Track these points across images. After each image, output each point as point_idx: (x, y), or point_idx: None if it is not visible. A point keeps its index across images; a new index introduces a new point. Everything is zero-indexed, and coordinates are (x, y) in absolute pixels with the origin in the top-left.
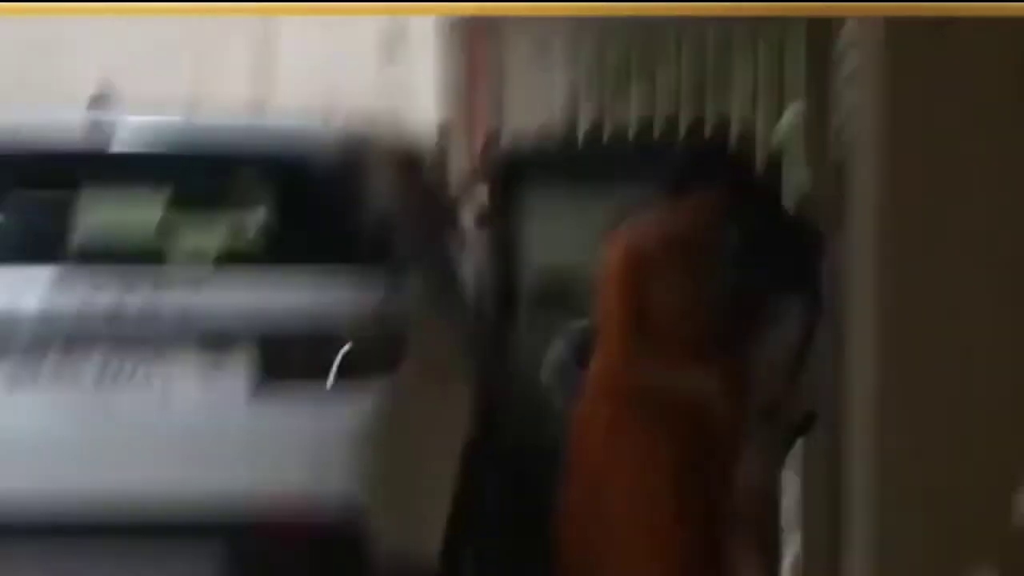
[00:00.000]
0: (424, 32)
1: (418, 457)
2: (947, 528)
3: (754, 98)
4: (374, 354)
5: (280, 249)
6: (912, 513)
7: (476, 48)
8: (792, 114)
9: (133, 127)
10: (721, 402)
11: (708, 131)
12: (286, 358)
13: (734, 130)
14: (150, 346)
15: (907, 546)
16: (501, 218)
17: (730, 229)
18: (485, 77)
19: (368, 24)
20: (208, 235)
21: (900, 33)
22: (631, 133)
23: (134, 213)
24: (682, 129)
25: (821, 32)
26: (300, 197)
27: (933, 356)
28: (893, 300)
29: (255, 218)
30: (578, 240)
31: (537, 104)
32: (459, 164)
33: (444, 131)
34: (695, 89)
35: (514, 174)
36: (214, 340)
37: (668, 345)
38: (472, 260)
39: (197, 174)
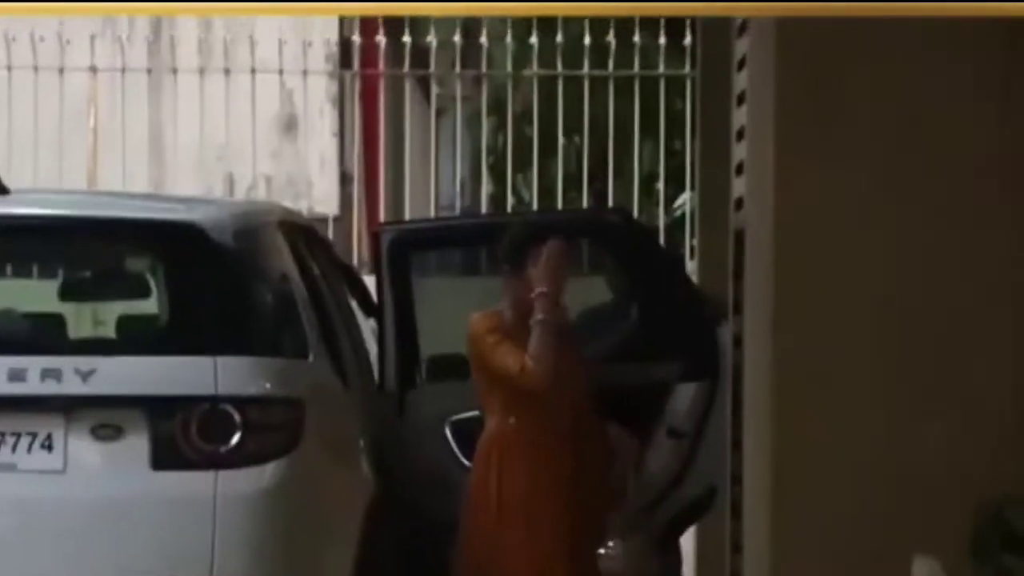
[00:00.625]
0: (320, 112)
1: (317, 530)
2: None
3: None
4: (270, 438)
5: (173, 337)
6: None
7: (372, 130)
8: (688, 196)
9: (25, 215)
10: (603, 468)
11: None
12: (179, 445)
13: (633, 205)
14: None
15: None
16: (391, 296)
17: (628, 301)
18: (381, 156)
19: (264, 109)
20: (100, 322)
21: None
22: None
23: (26, 301)
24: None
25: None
26: (194, 284)
27: (829, 427)
28: (790, 367)
29: (149, 304)
30: (462, 313)
31: (440, 180)
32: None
33: (344, 207)
34: (597, 166)
35: (400, 257)
36: (107, 430)
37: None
38: (373, 334)
39: (89, 263)
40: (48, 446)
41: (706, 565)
